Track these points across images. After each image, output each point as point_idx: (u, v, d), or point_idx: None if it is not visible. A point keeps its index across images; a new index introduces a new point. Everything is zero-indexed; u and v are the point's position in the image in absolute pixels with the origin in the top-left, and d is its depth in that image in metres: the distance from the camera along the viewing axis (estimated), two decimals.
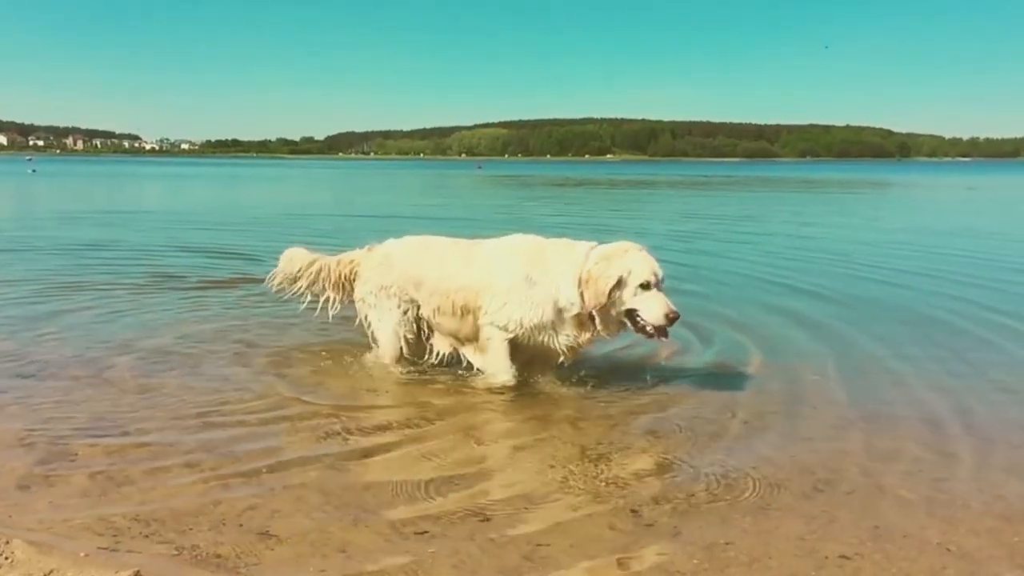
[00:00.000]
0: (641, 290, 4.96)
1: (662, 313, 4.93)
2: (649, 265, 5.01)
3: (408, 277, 5.67)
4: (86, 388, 5.35)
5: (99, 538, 3.29)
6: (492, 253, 5.49)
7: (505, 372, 5.42)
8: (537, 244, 5.45)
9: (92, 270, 10.73)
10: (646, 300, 4.97)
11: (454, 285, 5.47)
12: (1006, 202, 34.61)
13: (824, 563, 3.19)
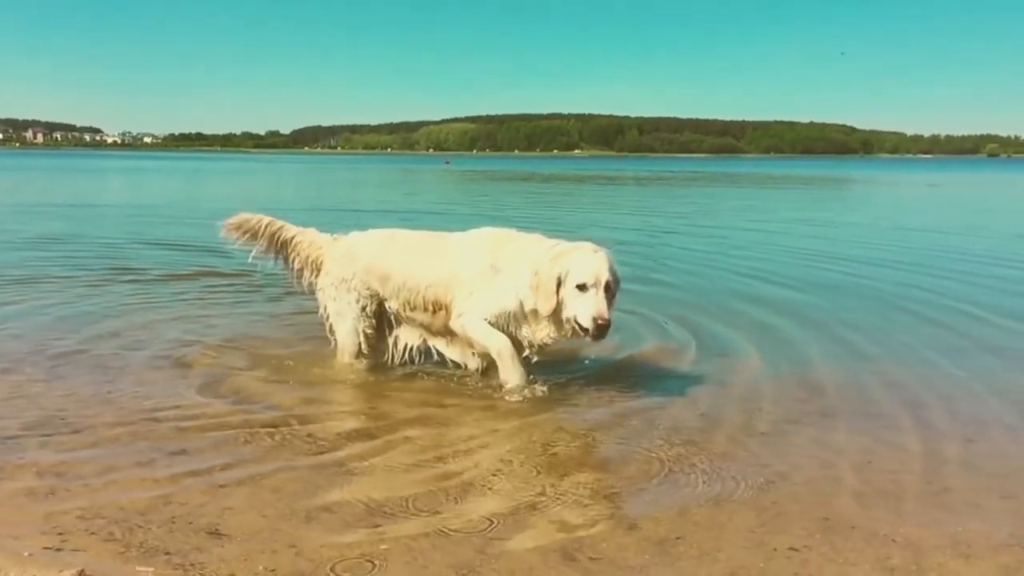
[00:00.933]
0: (578, 291, 4.85)
1: (590, 316, 4.77)
2: (589, 266, 4.86)
3: (372, 270, 5.61)
4: (37, 385, 5.26)
5: (44, 537, 3.23)
6: (459, 245, 5.45)
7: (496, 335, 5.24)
8: (503, 235, 5.41)
9: (50, 263, 10.54)
10: (579, 301, 4.84)
11: (424, 281, 5.41)
12: (966, 198, 35.24)
13: (773, 555, 3.23)
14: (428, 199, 30.56)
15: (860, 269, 11.44)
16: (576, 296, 4.84)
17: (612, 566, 3.12)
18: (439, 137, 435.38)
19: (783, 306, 8.48)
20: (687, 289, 9.58)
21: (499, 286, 5.15)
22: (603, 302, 4.80)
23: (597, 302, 4.79)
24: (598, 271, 4.85)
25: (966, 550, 3.32)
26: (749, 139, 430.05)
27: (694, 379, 5.74)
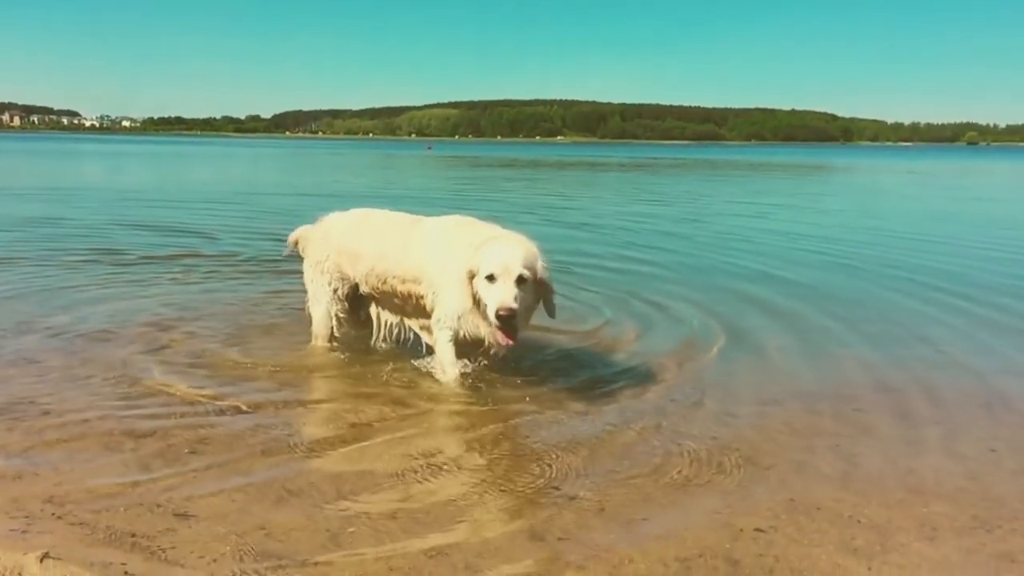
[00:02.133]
0: (487, 282, 4.61)
1: (494, 307, 4.50)
2: (498, 257, 4.60)
3: (344, 251, 5.55)
4: (7, 367, 5.21)
5: (10, 520, 3.21)
6: (426, 237, 5.26)
7: (451, 368, 5.13)
8: (458, 227, 5.21)
9: (27, 246, 10.44)
10: (486, 292, 4.63)
11: (392, 271, 5.32)
12: (942, 186, 35.47)
13: (739, 536, 3.26)
14: (411, 185, 30.41)
15: (844, 250, 11.61)
16: (486, 287, 4.62)
17: (579, 545, 3.15)
18: (421, 123, 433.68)
19: (782, 289, 8.58)
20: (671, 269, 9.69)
21: (448, 282, 4.96)
22: (508, 292, 4.50)
23: (501, 292, 4.52)
24: (506, 261, 4.57)
25: (931, 532, 3.36)
26: (731, 126, 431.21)
27: (662, 360, 5.79)
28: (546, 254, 4.89)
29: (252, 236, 11.96)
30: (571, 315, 6.98)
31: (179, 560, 2.95)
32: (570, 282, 8.45)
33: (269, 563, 2.95)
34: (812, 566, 3.04)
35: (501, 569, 2.97)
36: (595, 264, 10.09)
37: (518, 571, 2.96)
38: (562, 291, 7.93)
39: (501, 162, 58.22)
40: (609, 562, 3.03)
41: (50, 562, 2.78)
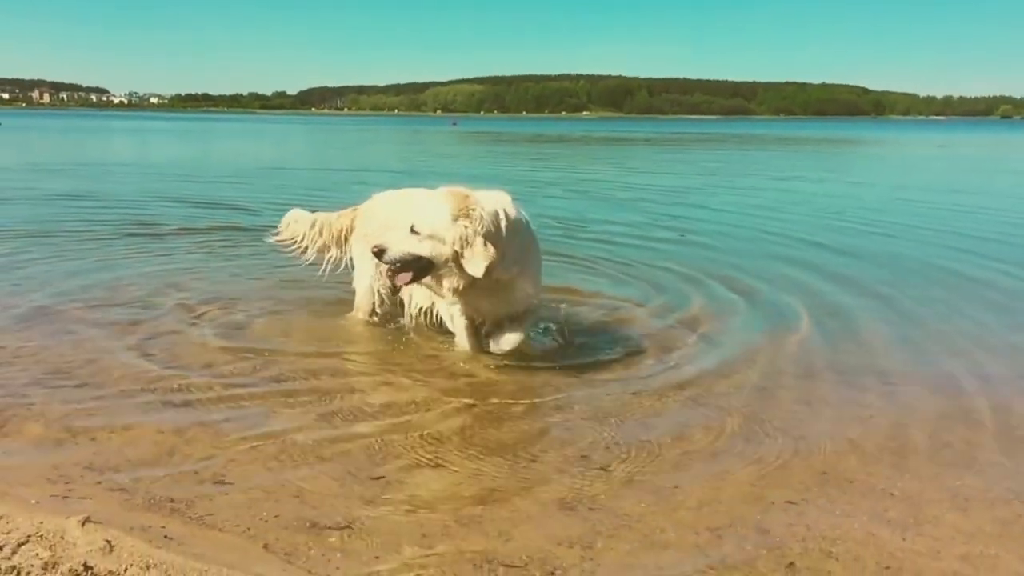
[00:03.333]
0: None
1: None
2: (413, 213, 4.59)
3: (386, 228, 5.55)
4: (45, 338, 5.30)
5: (51, 486, 3.28)
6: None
7: (462, 341, 5.17)
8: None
9: (66, 220, 10.61)
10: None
11: None
12: (974, 159, 34.90)
13: (770, 507, 3.26)
14: (438, 160, 30.41)
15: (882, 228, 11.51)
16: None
17: (610, 515, 3.16)
18: (446, 98, 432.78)
19: (828, 263, 8.52)
20: (730, 240, 9.68)
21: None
22: (404, 243, 4.50)
23: (386, 237, 4.61)
24: (420, 219, 4.50)
25: (963, 503, 3.34)
26: (760, 100, 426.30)
27: (693, 332, 5.78)
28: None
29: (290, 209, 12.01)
30: (605, 287, 7.05)
31: (217, 525, 3.00)
32: (607, 257, 8.56)
33: (305, 529, 2.99)
34: (844, 535, 3.03)
35: (533, 537, 2.99)
36: (633, 235, 10.11)
37: (550, 539, 2.98)
38: (601, 266, 8.12)
39: (526, 137, 57.96)
40: (640, 531, 3.04)
41: (91, 526, 2.83)
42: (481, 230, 4.39)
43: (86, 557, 2.60)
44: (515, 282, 4.73)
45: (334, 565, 2.76)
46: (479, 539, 2.98)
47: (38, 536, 2.76)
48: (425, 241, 4.47)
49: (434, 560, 2.82)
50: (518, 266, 4.66)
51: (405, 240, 4.50)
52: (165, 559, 2.64)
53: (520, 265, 4.67)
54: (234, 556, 2.75)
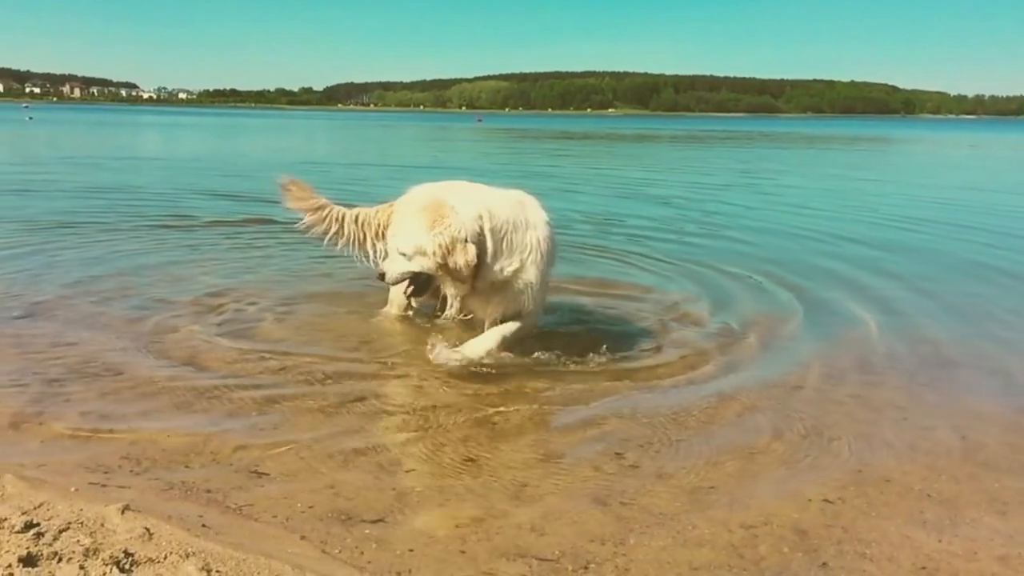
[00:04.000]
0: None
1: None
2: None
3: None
4: (80, 330, 5.36)
5: (90, 474, 3.32)
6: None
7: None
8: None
9: (103, 212, 10.83)
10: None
11: None
12: (1007, 159, 34.43)
13: (806, 506, 3.23)
14: (464, 156, 30.46)
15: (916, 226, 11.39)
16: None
17: (643, 512, 3.15)
18: (472, 95, 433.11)
19: (836, 255, 8.48)
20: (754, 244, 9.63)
21: None
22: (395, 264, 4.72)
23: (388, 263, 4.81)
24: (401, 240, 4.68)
25: (1002, 507, 3.30)
26: (787, 98, 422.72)
27: (727, 330, 5.74)
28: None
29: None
30: (639, 283, 7.12)
31: (254, 516, 3.03)
32: (643, 252, 8.64)
33: (340, 521, 3.01)
34: (882, 537, 3.01)
35: (566, 532, 2.99)
36: (667, 231, 10.13)
37: (582, 534, 2.97)
38: (637, 262, 8.15)
39: (551, 134, 57.87)
40: (673, 528, 3.03)
41: (130, 514, 2.87)
42: (458, 234, 4.44)
43: (126, 544, 2.63)
44: (512, 282, 4.73)
45: (369, 556, 2.77)
46: (512, 532, 2.98)
47: (78, 523, 2.79)
48: (414, 259, 4.58)
49: (467, 553, 2.83)
50: (513, 265, 4.66)
51: (398, 262, 4.67)
52: (203, 547, 2.67)
53: (516, 263, 4.66)
54: (271, 545, 2.77)
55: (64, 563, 2.51)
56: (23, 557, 2.50)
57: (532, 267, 4.71)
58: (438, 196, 4.67)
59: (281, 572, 2.57)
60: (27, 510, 2.87)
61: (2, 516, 2.80)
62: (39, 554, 2.54)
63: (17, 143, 32.07)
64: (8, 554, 2.52)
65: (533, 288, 4.76)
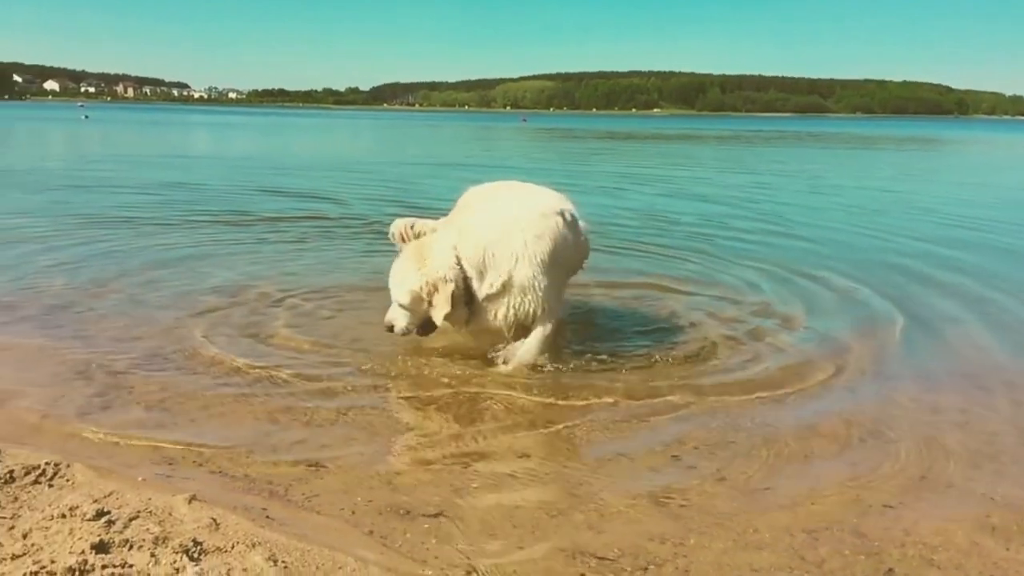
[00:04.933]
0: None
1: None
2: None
3: None
4: (140, 324, 5.49)
5: (155, 465, 3.41)
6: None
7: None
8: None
9: (166, 209, 11.21)
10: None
11: None
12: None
13: (867, 510, 3.19)
14: (512, 155, 30.50)
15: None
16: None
17: (702, 513, 3.13)
18: (516, 95, 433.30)
19: (898, 260, 8.31)
20: (824, 240, 9.58)
21: None
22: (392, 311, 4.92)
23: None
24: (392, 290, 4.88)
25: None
26: (837, 98, 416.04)
27: (795, 333, 5.65)
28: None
29: (378, 202, 12.68)
30: (697, 283, 7.10)
31: (316, 508, 3.07)
32: (701, 250, 8.69)
33: (399, 515, 3.05)
34: (947, 542, 2.95)
35: (623, 531, 2.99)
36: (735, 236, 10.03)
37: (641, 534, 2.97)
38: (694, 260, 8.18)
39: (596, 134, 57.66)
40: (733, 530, 3.01)
41: (197, 504, 2.93)
42: (437, 274, 4.62)
43: (194, 533, 2.69)
44: (504, 293, 4.71)
45: (429, 551, 2.80)
46: (569, 531, 2.98)
47: (147, 512, 2.87)
48: (412, 306, 4.73)
49: (526, 550, 2.84)
50: (501, 278, 4.64)
51: (399, 312, 4.81)
52: (269, 538, 2.72)
53: (503, 276, 4.64)
54: (333, 538, 2.82)
55: (135, 550, 2.57)
56: (95, 544, 2.57)
57: (521, 273, 4.63)
58: (421, 241, 4.83)
59: (344, 564, 2.61)
60: (97, 498, 2.95)
61: (74, 504, 2.88)
62: (111, 541, 2.61)
63: (76, 141, 32.97)
64: (81, 541, 2.60)
65: (530, 291, 4.68)
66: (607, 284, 6.87)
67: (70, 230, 9.13)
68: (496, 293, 4.70)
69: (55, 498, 2.99)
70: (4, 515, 2.86)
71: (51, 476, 3.17)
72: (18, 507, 2.93)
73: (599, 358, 4.95)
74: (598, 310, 6.18)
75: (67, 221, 9.75)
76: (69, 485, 3.12)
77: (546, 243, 4.61)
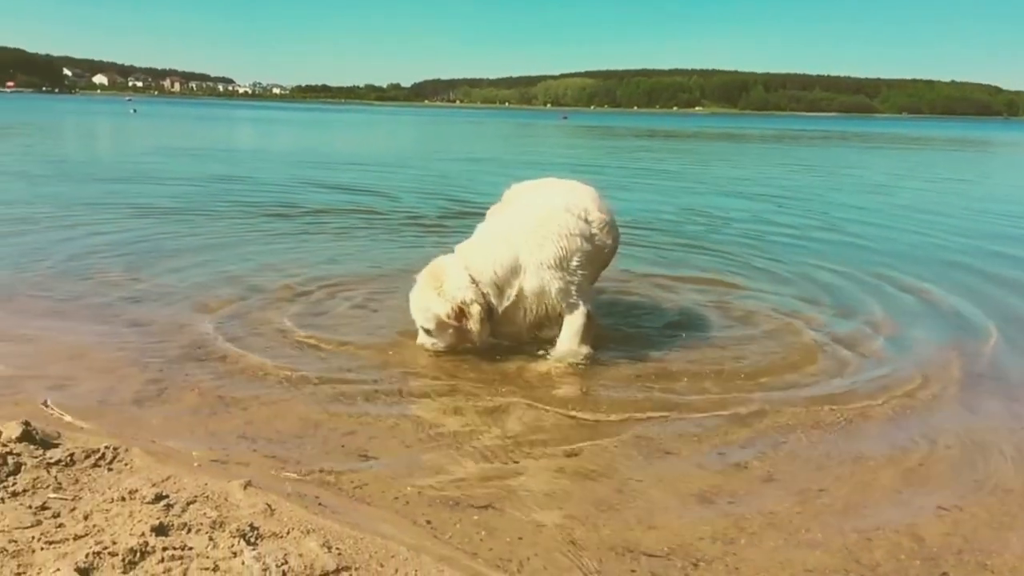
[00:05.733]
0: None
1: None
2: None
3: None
4: (188, 312, 5.59)
5: (210, 451, 3.47)
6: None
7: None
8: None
9: (208, 199, 11.59)
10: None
11: None
12: None
13: (922, 513, 3.14)
14: (554, 152, 30.48)
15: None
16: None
17: (752, 512, 3.11)
18: (557, 92, 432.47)
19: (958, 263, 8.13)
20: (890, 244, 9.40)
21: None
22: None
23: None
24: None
25: None
26: (884, 98, 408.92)
27: (842, 338, 5.56)
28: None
29: (427, 196, 12.94)
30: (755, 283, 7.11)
31: (366, 498, 3.11)
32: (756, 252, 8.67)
33: (448, 506, 3.07)
34: (1005, 548, 2.90)
35: (673, 528, 2.98)
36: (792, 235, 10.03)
37: (690, 531, 2.96)
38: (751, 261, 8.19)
39: (639, 132, 57.34)
40: (785, 529, 2.98)
41: (252, 490, 2.98)
42: (455, 298, 4.65)
43: (251, 518, 2.74)
44: (522, 301, 4.77)
45: (481, 543, 2.81)
46: (619, 527, 2.98)
47: (204, 496, 2.92)
48: (438, 330, 4.80)
49: (576, 543, 2.84)
50: (514, 288, 4.71)
51: (427, 338, 4.89)
52: (323, 525, 2.75)
53: (516, 287, 4.72)
54: (385, 527, 2.84)
55: (193, 533, 2.62)
56: (155, 526, 2.62)
57: (529, 284, 4.71)
58: (434, 265, 4.86)
59: (397, 552, 2.63)
60: (156, 482, 3.01)
61: (133, 487, 2.95)
62: (170, 524, 2.67)
63: (127, 134, 33.74)
64: (141, 523, 2.65)
65: (544, 296, 4.74)
66: (675, 278, 7.13)
67: (124, 219, 9.41)
68: (512, 304, 4.76)
69: (114, 481, 3.06)
70: (65, 496, 2.93)
71: (110, 460, 3.24)
72: (79, 489, 3.00)
73: (639, 359, 4.95)
74: (662, 303, 6.29)
75: (122, 211, 10.08)
76: (128, 469, 3.19)
77: (550, 248, 4.66)
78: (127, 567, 2.40)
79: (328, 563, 2.50)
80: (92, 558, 2.41)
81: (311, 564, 2.48)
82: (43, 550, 2.50)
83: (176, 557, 2.45)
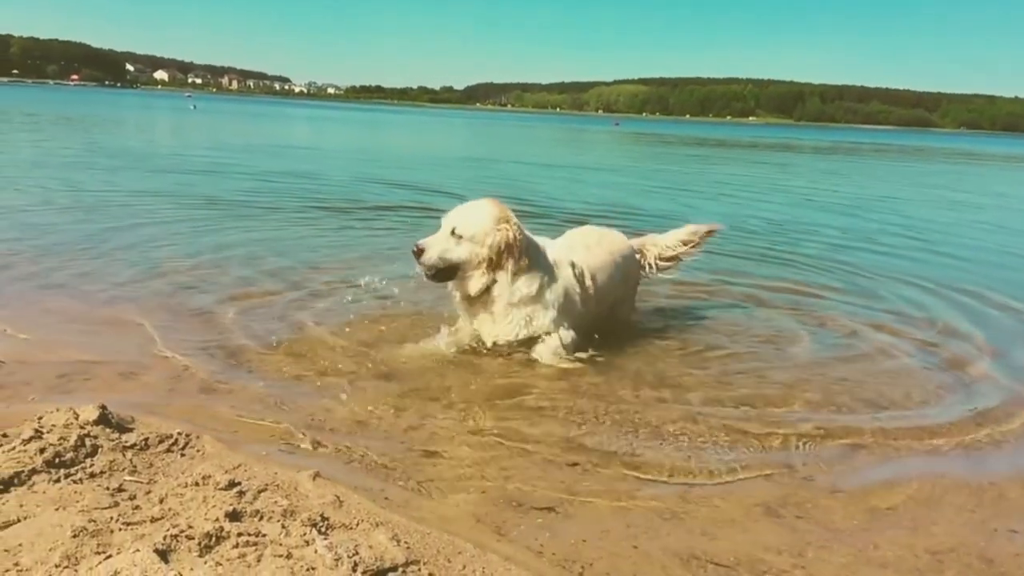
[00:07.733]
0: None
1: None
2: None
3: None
4: (260, 306, 5.70)
5: (279, 443, 3.52)
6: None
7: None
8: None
9: (275, 194, 12.06)
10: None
11: None
12: None
13: (993, 535, 3.08)
14: (607, 158, 30.42)
15: None
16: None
17: (819, 526, 3.07)
18: (609, 98, 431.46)
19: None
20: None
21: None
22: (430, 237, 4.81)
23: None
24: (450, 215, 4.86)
25: None
26: (943, 112, 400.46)
27: (908, 351, 5.49)
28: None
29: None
30: (832, 293, 7.08)
31: (431, 494, 3.13)
32: (835, 263, 8.73)
33: (512, 506, 3.07)
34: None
35: (738, 539, 2.95)
36: (877, 250, 9.97)
37: (756, 543, 2.92)
38: (831, 270, 8.26)
39: (691, 140, 56.89)
40: (853, 546, 2.94)
41: (321, 481, 3.03)
42: (516, 239, 4.70)
43: (321, 509, 2.78)
44: (520, 306, 4.83)
45: (544, 544, 2.81)
46: (683, 535, 2.96)
47: (275, 485, 2.97)
48: (464, 243, 4.72)
49: (640, 549, 2.83)
50: (528, 288, 4.80)
51: (444, 241, 4.75)
52: (390, 519, 2.78)
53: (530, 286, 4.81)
54: (450, 524, 2.86)
55: (266, 521, 2.67)
56: (229, 512, 2.67)
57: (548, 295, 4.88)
58: (509, 211, 4.89)
59: (464, 549, 2.65)
60: (228, 469, 3.07)
61: (206, 473, 3.01)
62: (243, 511, 2.72)
63: (190, 130, 34.52)
64: (215, 508, 2.70)
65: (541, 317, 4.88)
66: (763, 287, 7.25)
67: (193, 210, 9.75)
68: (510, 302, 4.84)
69: (187, 466, 3.13)
70: (141, 479, 3.00)
71: (183, 446, 3.31)
72: (153, 473, 3.08)
73: (705, 363, 4.92)
74: (752, 312, 6.35)
75: (190, 202, 10.45)
76: (199, 455, 3.26)
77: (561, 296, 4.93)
78: (203, 551, 2.45)
79: (397, 556, 2.52)
80: (170, 540, 2.46)
81: (381, 556, 2.51)
82: (121, 530, 2.56)
83: (250, 543, 2.50)
